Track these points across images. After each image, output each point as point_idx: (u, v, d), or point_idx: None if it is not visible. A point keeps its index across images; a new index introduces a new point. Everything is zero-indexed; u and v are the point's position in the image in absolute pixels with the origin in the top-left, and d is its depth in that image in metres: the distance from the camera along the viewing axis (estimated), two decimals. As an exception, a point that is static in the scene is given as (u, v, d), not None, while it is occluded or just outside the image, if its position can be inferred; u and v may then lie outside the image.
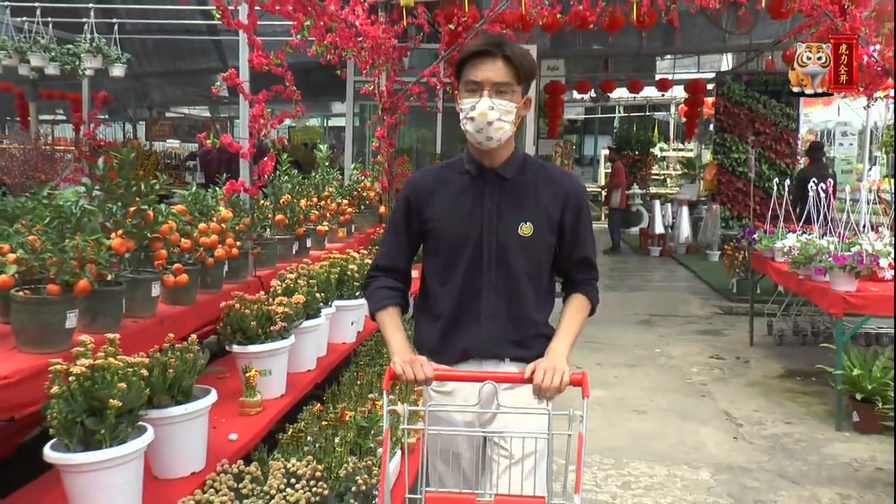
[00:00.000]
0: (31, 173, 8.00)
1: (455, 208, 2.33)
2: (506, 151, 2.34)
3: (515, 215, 2.30)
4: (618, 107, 24.70)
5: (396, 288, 2.45)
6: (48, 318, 2.79)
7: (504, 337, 2.32)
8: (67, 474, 2.29)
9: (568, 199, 2.35)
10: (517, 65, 2.23)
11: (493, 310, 2.31)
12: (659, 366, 7.09)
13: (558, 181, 2.38)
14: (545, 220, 2.32)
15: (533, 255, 2.32)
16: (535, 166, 2.39)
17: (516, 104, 2.26)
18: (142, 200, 3.46)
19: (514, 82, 2.24)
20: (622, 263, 13.49)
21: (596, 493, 4.33)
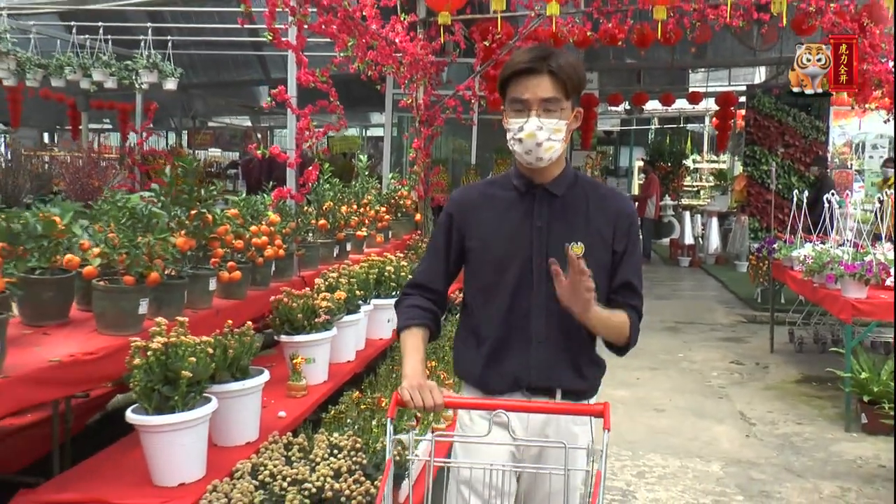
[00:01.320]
0: (85, 180, 8.49)
1: (502, 225, 2.22)
2: (556, 168, 2.22)
3: (566, 234, 2.17)
4: (653, 118, 24.92)
5: (428, 309, 2.30)
6: (124, 305, 3.22)
7: (557, 362, 2.19)
8: (146, 434, 2.71)
9: (619, 220, 2.24)
10: (565, 79, 2.11)
11: (544, 333, 2.18)
12: (680, 369, 7.38)
13: (610, 200, 2.26)
14: (598, 240, 2.20)
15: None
16: (587, 184, 2.28)
17: (566, 121, 2.14)
18: (202, 204, 3.89)
19: (562, 97, 2.11)
20: (651, 273, 13.74)
21: (612, 480, 4.66)
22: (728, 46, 13.61)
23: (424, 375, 2.12)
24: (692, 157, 22.29)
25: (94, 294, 3.26)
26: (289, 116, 5.05)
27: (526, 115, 2.11)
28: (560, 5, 7.56)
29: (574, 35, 8.60)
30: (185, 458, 2.73)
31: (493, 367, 2.22)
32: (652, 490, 4.56)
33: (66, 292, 3.42)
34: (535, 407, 2.10)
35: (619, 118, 24.98)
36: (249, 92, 17.97)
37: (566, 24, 8.39)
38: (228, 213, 4.34)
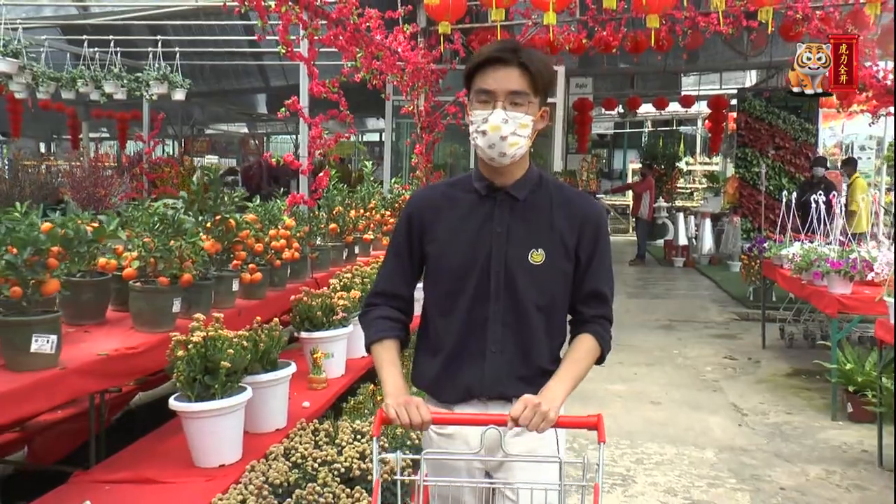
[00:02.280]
0: (91, 189, 8.71)
1: (460, 230, 2.10)
2: (519, 169, 2.12)
3: (527, 240, 2.08)
4: (646, 121, 25.26)
5: (396, 319, 2.18)
6: (159, 304, 3.49)
7: (511, 374, 2.08)
8: (188, 420, 2.97)
9: (585, 224, 2.12)
10: (534, 73, 2.01)
11: (500, 344, 2.08)
12: (676, 365, 7.65)
13: (576, 203, 2.14)
14: (560, 246, 2.09)
15: (545, 285, 2.09)
16: (551, 186, 2.16)
17: (532, 117, 2.04)
18: (224, 210, 4.15)
19: (530, 92, 2.01)
20: (646, 273, 14.05)
21: (612, 466, 4.93)
22: (719, 50, 13.93)
23: (408, 390, 2.02)
24: (685, 159, 22.62)
25: (131, 294, 3.52)
26: (301, 125, 5.32)
27: (491, 107, 2.00)
28: (556, 14, 7.83)
29: (570, 42, 8.92)
30: (224, 442, 2.99)
31: (447, 376, 2.11)
32: (650, 475, 4.83)
33: (104, 293, 3.69)
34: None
35: (613, 121, 25.36)
36: (249, 100, 18.25)
37: (562, 33, 8.70)
38: (247, 218, 4.61)
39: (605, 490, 4.59)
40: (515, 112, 2.01)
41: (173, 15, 9.69)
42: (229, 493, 2.68)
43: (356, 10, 5.39)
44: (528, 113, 2.03)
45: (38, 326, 2.74)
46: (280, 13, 4.56)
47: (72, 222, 3.03)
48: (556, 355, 2.15)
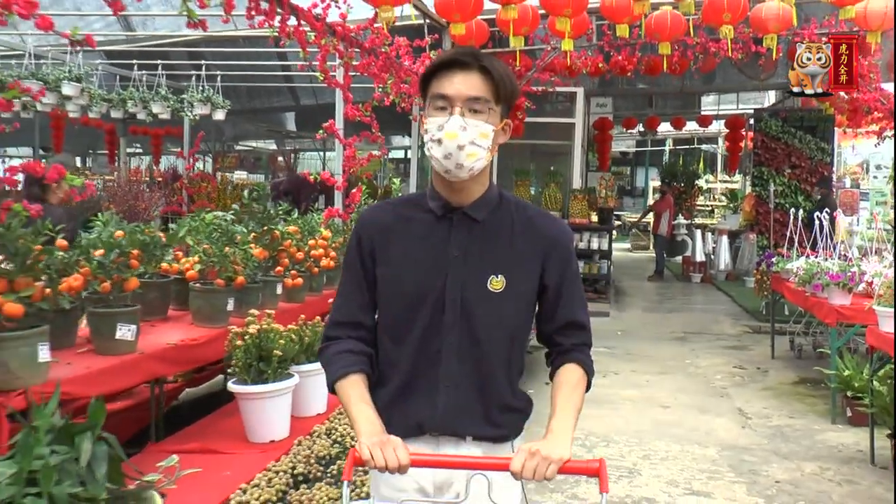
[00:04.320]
0: (132, 202, 9.26)
1: (414, 254, 1.92)
2: (478, 187, 1.93)
3: (485, 266, 1.90)
4: (667, 140, 25.63)
5: (359, 351, 1.95)
6: (216, 303, 3.98)
7: (467, 410, 1.91)
8: (244, 401, 3.45)
9: (552, 249, 1.95)
10: (496, 79, 1.84)
11: (455, 378, 1.90)
12: (687, 373, 8.03)
13: (540, 227, 1.96)
14: (522, 272, 1.93)
15: (505, 314, 1.92)
16: (513, 207, 1.98)
17: (494, 126, 1.85)
18: (270, 222, 4.65)
19: (491, 99, 1.84)
20: (664, 288, 14.42)
21: (620, 461, 5.34)
22: (736, 71, 14.33)
23: (383, 429, 1.81)
24: (705, 177, 22.95)
25: (191, 294, 4.01)
26: (337, 145, 5.82)
27: (448, 114, 1.83)
28: (573, 40, 8.27)
29: (587, 66, 9.39)
30: (275, 420, 3.47)
31: (395, 409, 1.90)
32: (655, 468, 5.24)
33: (166, 293, 4.19)
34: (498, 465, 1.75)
35: (635, 139, 25.76)
36: (278, 118, 18.86)
37: (579, 57, 9.17)
38: (289, 229, 5.10)
39: (612, 480, 5.03)
40: (475, 119, 1.82)
41: (213, 40, 10.27)
42: (281, 461, 3.14)
43: (387, 40, 5.89)
44: (489, 121, 1.84)
45: (122, 317, 3.23)
46: (319, 45, 5.05)
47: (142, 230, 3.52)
48: (516, 388, 2.00)
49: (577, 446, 5.65)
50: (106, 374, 3.00)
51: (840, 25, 7.93)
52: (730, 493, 4.86)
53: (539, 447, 1.72)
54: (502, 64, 1.93)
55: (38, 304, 2.78)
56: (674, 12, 7.86)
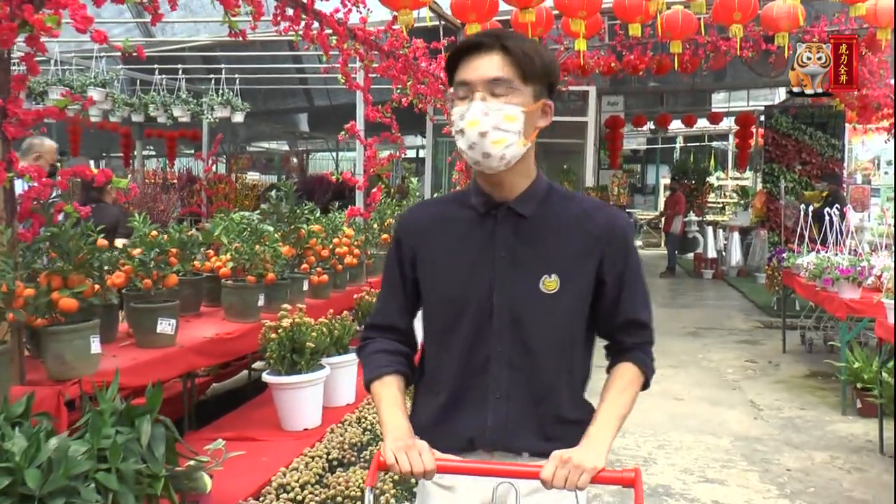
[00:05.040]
0: (151, 205, 9.46)
1: (456, 255, 1.79)
2: (521, 179, 1.78)
3: (536, 265, 1.75)
4: (678, 137, 25.72)
5: (396, 351, 1.87)
6: (247, 299, 4.15)
7: (521, 424, 1.77)
8: (278, 391, 3.62)
9: (608, 240, 1.78)
10: (520, 56, 1.69)
11: (507, 389, 1.76)
12: (699, 367, 8.17)
13: (595, 217, 1.79)
14: (577, 270, 1.77)
15: (559, 318, 1.77)
16: (564, 199, 1.82)
17: (523, 107, 1.69)
18: (297, 221, 4.82)
19: (515, 79, 1.68)
20: (676, 285, 14.54)
21: (635, 451, 5.50)
22: (746, 69, 14.44)
23: (411, 433, 1.71)
24: (716, 174, 23.03)
25: (223, 290, 4.19)
26: (357, 147, 5.99)
27: (469, 101, 1.68)
28: (586, 41, 8.42)
29: (599, 66, 9.54)
30: (307, 409, 3.64)
31: (445, 423, 1.80)
32: (669, 458, 5.39)
33: (199, 290, 4.37)
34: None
35: (645, 137, 25.87)
36: (292, 119, 19.07)
37: (592, 57, 9.31)
38: (313, 228, 5.27)
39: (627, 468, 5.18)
40: (498, 102, 1.67)
41: (228, 44, 10.47)
42: (316, 447, 3.31)
43: (406, 42, 6.06)
44: (515, 102, 1.68)
45: (163, 312, 3.41)
46: (341, 49, 5.22)
47: (181, 230, 3.70)
48: (578, 399, 1.85)
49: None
50: (150, 365, 3.18)
51: (850, 23, 8.06)
52: (743, 480, 5.01)
53: (572, 454, 1.63)
54: (532, 42, 1.76)
55: (90, 299, 2.96)
56: (685, 11, 8.00)
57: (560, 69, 1.83)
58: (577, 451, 1.65)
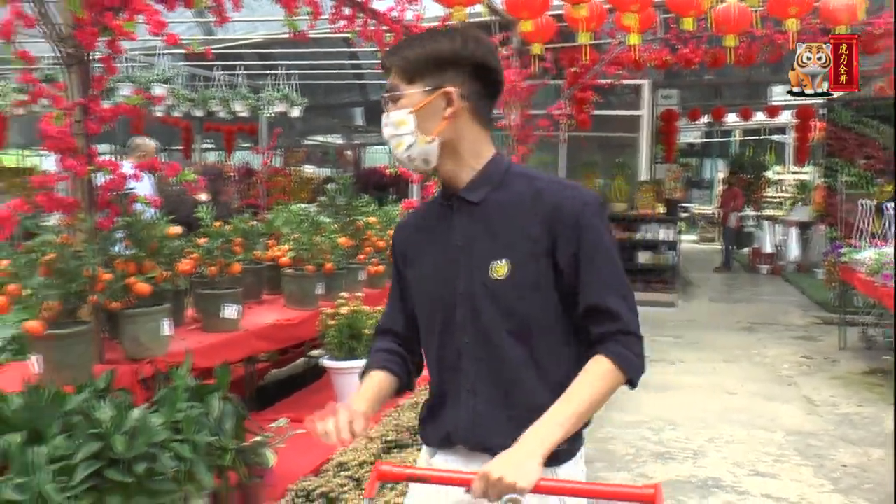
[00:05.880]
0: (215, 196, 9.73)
1: (426, 250, 1.82)
2: (464, 168, 1.75)
3: (487, 252, 1.71)
4: (734, 130, 25.34)
5: (393, 351, 1.90)
6: (307, 287, 4.31)
7: (491, 419, 1.72)
8: (336, 375, 3.77)
9: (557, 219, 1.68)
10: (401, 63, 1.72)
11: (473, 383, 1.74)
12: (754, 363, 8.12)
13: (545, 196, 1.70)
14: (527, 254, 1.69)
15: (512, 305, 1.70)
16: (522, 180, 1.75)
17: (409, 108, 1.70)
18: (354, 213, 4.96)
19: (401, 84, 1.72)
20: (731, 280, 14.41)
21: (686, 443, 5.53)
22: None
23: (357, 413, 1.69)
24: (774, 168, 22.65)
25: (284, 279, 4.35)
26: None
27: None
28: (639, 35, 8.40)
29: (653, 60, 9.51)
30: (365, 394, 3.77)
31: (431, 419, 1.83)
32: (720, 451, 5.40)
33: (261, 278, 4.54)
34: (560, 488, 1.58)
35: (701, 130, 25.53)
36: (347, 113, 19.34)
37: (645, 51, 9.29)
38: (369, 219, 5.41)
39: (678, 461, 5.22)
40: (389, 113, 1.74)
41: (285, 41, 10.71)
42: (373, 429, 3.44)
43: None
44: (402, 107, 1.72)
45: (227, 298, 3.57)
46: (398, 45, 5.32)
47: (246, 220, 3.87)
48: (559, 389, 1.67)
49: (644, 429, 5.85)
50: (216, 347, 3.34)
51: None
52: (796, 474, 5.00)
53: (492, 468, 1.50)
54: (421, 40, 1.76)
55: (161, 284, 3.13)
56: (739, 5, 7.92)
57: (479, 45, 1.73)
58: (501, 461, 1.52)
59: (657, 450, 5.43)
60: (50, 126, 2.87)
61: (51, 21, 2.85)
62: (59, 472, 1.93)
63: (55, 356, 2.62)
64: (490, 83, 1.75)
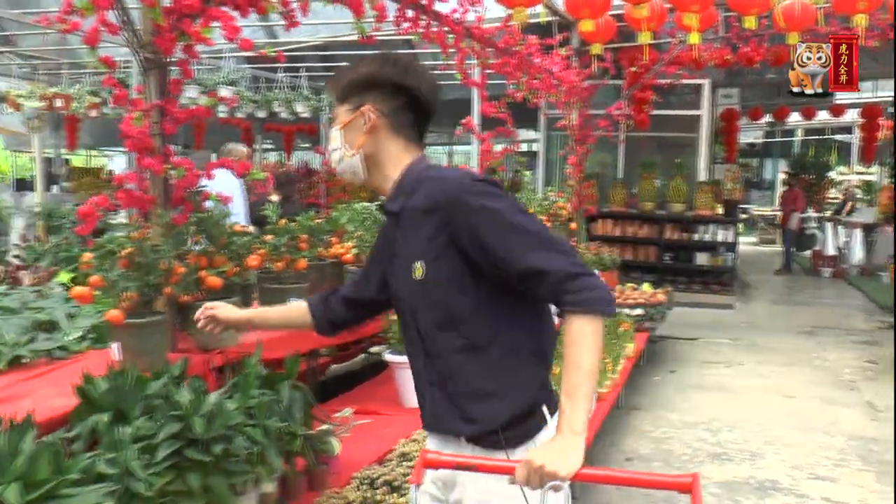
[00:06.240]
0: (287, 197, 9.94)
1: (386, 256, 2.00)
2: (384, 180, 1.94)
3: (408, 255, 1.85)
4: (797, 130, 24.84)
5: (325, 299, 2.24)
6: (369, 284, 4.40)
7: (442, 408, 1.86)
8: (399, 369, 3.88)
9: (443, 214, 1.77)
10: (334, 88, 1.96)
11: (425, 374, 1.90)
12: (814, 366, 8.00)
13: (430, 196, 1.81)
14: (434, 252, 1.79)
15: (436, 301, 1.81)
16: (427, 184, 1.85)
17: (338, 126, 1.93)
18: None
19: (335, 106, 1.97)
20: (792, 283, 14.16)
21: (743, 444, 5.51)
22: (872, 58, 13.85)
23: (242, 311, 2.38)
24: (838, 168, 22.15)
25: (347, 275, 4.46)
26: (473, 140, 6.21)
27: None
28: (700, 34, 8.35)
29: (714, 58, 9.43)
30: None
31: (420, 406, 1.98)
32: (779, 454, 5.37)
33: (324, 274, 4.66)
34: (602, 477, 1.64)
35: (762, 130, 25.08)
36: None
37: (706, 50, 9.22)
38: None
39: (735, 462, 5.21)
40: (331, 131, 1.99)
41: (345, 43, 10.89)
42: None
43: (521, 39, 6.23)
44: (334, 126, 1.96)
45: (293, 292, 3.70)
46: (458, 47, 5.43)
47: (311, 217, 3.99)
48: (496, 370, 1.80)
49: (701, 430, 5.84)
50: (283, 339, 3.46)
51: None
52: (857, 480, 4.95)
53: (534, 456, 1.59)
54: (353, 65, 1.95)
55: (231, 278, 3.27)
56: (803, 2, 7.82)
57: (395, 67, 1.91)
58: (543, 451, 1.61)
59: (714, 451, 5.43)
60: (130, 127, 3.02)
61: (133, 28, 3.00)
62: (142, 450, 2.06)
63: (134, 344, 2.77)
64: (411, 99, 1.91)
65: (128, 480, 1.96)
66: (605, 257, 7.75)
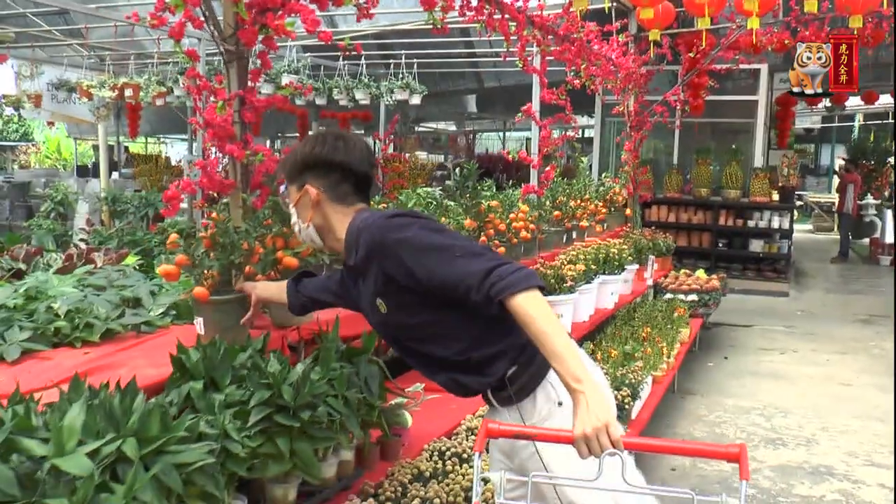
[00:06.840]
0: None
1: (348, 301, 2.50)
2: (336, 242, 2.24)
3: (370, 298, 2.16)
4: (857, 114, 24.28)
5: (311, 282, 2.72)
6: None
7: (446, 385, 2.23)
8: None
9: (373, 258, 2.04)
10: (283, 172, 2.32)
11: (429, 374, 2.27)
12: (870, 354, 7.96)
13: (362, 243, 2.07)
14: (383, 290, 2.09)
15: (402, 324, 2.17)
16: (361, 235, 2.09)
17: (291, 203, 2.29)
18: (478, 196, 5.18)
19: (288, 186, 2.31)
20: (848, 270, 13.97)
21: (798, 431, 5.55)
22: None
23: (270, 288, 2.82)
24: (900, 154, 21.62)
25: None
26: (532, 127, 6.31)
27: None
28: (759, 18, 8.29)
29: (772, 43, 9.34)
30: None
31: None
32: (834, 440, 5.41)
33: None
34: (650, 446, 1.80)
35: (820, 115, 24.56)
36: (461, 100, 19.60)
37: (765, 34, 9.14)
38: (491, 203, 5.63)
39: (790, 448, 5.26)
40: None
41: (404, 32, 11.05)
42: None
43: (581, 26, 6.29)
44: (290, 203, 2.31)
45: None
46: (520, 35, 5.52)
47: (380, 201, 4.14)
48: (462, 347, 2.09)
49: (755, 415, 5.90)
50: (356, 317, 3.61)
51: None
52: (912, 466, 4.98)
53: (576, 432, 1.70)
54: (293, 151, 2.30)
55: (306, 258, 3.43)
56: (867, -16, 7.72)
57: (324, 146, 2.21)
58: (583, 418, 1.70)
59: (769, 436, 5.48)
60: (213, 115, 3.20)
61: (216, 21, 3.18)
62: (234, 415, 2.24)
63: (217, 319, 2.94)
64: (344, 172, 2.20)
65: (224, 441, 2.13)
66: (659, 243, 7.78)
